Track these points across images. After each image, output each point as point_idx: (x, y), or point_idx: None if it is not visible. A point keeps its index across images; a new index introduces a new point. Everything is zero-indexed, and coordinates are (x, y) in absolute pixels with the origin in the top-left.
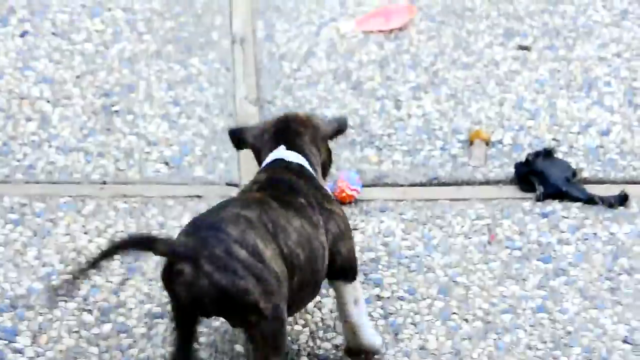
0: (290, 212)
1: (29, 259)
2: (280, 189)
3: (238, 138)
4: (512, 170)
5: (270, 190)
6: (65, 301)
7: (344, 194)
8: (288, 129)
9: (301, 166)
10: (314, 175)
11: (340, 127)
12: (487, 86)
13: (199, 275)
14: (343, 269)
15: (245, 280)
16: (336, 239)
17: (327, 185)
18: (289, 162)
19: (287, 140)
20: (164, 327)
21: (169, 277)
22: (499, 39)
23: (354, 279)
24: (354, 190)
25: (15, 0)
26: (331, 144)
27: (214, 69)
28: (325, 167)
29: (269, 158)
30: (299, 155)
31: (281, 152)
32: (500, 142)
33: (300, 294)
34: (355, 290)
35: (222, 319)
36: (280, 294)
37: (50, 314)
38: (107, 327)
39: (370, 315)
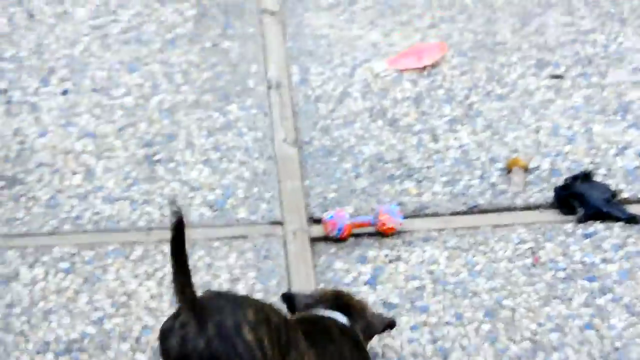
0: (311, 350)
1: (81, 305)
2: (316, 329)
3: (289, 299)
4: (551, 194)
5: (305, 326)
6: (118, 343)
7: (385, 227)
8: (347, 308)
9: (347, 327)
10: (360, 339)
11: (390, 326)
12: (523, 115)
13: (199, 335)
14: None
15: None
16: None
17: (368, 219)
18: (336, 320)
19: (343, 311)
20: None
21: (171, 326)
22: (532, 69)
23: None
24: (396, 222)
25: (56, 61)
26: (371, 178)
27: (252, 114)
28: None
29: (318, 311)
30: (349, 320)
31: (331, 312)
32: (538, 168)
33: None
34: None
35: None
36: None
37: (104, 355)
38: None
39: (417, 341)
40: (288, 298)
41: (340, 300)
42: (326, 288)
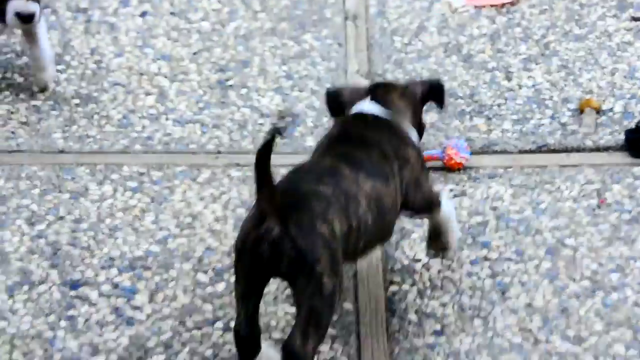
0: (361, 174)
1: (147, 224)
2: (352, 144)
3: (335, 96)
4: (622, 137)
5: (342, 148)
6: (181, 262)
7: (452, 162)
8: (380, 86)
9: (377, 116)
10: (392, 122)
11: (436, 85)
12: (599, 57)
13: (285, 237)
14: (421, 209)
15: (321, 252)
16: (409, 186)
17: (436, 153)
18: (365, 114)
19: (375, 93)
20: (275, 286)
21: (258, 235)
22: (612, 11)
23: (435, 210)
24: (463, 157)
25: None
26: (441, 112)
27: (327, 45)
28: (420, 129)
29: (352, 111)
30: (380, 107)
31: (362, 105)
32: (611, 110)
33: (366, 248)
34: (440, 213)
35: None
36: (341, 277)
37: (167, 274)
38: (220, 286)
39: (476, 275)
40: (332, 95)
41: (376, 86)
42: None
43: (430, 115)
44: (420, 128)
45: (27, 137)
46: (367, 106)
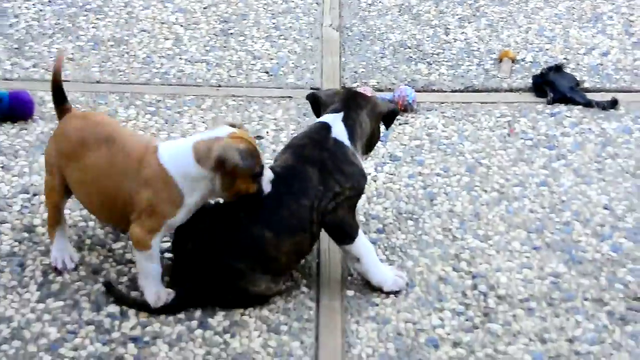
0: (282, 236)
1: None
2: (294, 181)
3: (314, 96)
4: (530, 81)
5: (280, 186)
6: None
7: (400, 105)
8: (354, 99)
9: (339, 145)
10: (349, 152)
11: (393, 111)
12: (517, 18)
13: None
14: (335, 235)
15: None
16: (328, 216)
17: (388, 98)
18: (330, 140)
19: (349, 108)
20: None
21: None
22: None
23: (350, 242)
24: (407, 102)
25: None
26: (393, 59)
27: (308, 3)
28: (372, 143)
29: (325, 117)
30: (345, 132)
31: (334, 120)
32: (523, 60)
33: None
34: (357, 249)
35: None
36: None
37: None
38: None
39: (412, 186)
40: (312, 96)
41: (351, 99)
42: (341, 89)
43: (384, 60)
44: (372, 141)
45: (72, 70)
46: (337, 126)
